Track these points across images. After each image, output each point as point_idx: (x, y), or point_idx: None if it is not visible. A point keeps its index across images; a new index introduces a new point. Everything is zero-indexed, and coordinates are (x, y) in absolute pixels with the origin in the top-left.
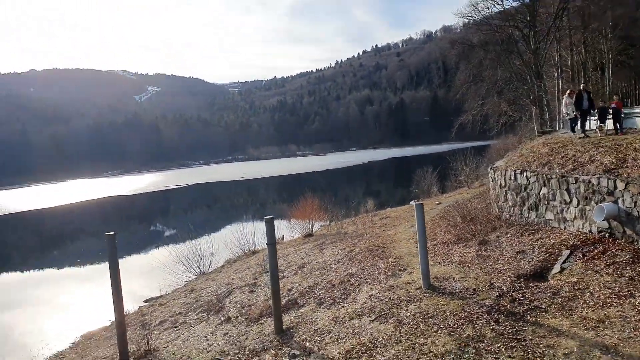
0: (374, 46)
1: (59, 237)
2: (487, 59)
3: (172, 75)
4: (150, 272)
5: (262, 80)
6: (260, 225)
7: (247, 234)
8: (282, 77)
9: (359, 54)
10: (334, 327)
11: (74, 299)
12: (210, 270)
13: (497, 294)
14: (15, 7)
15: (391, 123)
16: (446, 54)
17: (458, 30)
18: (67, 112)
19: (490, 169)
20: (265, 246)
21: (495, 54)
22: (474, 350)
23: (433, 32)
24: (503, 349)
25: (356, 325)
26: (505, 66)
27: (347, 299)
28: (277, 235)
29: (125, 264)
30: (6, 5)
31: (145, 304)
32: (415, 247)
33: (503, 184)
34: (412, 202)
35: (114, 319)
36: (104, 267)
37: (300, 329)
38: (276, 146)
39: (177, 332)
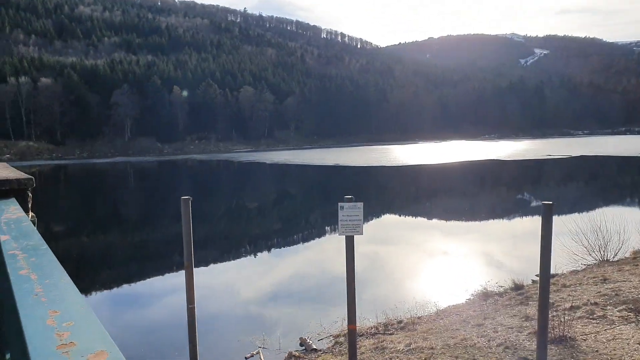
0: None
1: (436, 192)
2: None
3: (564, 36)
4: (536, 242)
5: None
6: None
7: None
8: None
9: None
10: None
11: (452, 251)
12: (615, 259)
13: None
14: None
15: None
16: None
17: None
18: (455, 76)
19: None
20: None
21: None
22: None
23: None
24: None
25: None
26: None
27: None
28: None
29: (508, 225)
30: None
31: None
32: None
33: None
34: None
35: (510, 285)
36: (475, 223)
37: None
38: None
39: (595, 325)
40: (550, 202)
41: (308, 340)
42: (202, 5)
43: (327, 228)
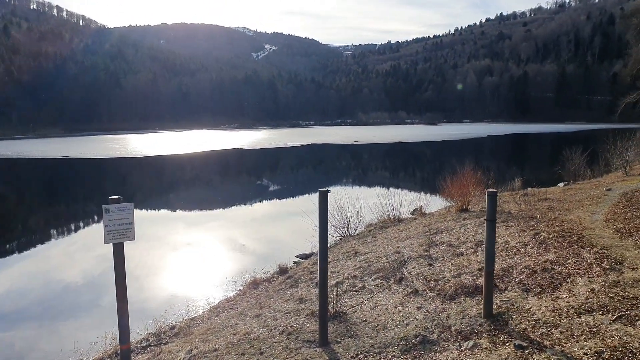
0: (499, 14)
1: (184, 183)
2: None
3: (289, 35)
4: (289, 225)
5: (376, 44)
6: (402, 194)
7: (393, 199)
8: (397, 41)
9: (481, 21)
10: (561, 321)
11: (212, 243)
12: (356, 233)
13: None
14: None
15: (511, 96)
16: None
17: (597, 0)
18: (192, 65)
19: None
20: (410, 216)
21: None
22: None
23: (567, 1)
24: None
25: (591, 323)
26: None
27: (560, 290)
28: (415, 205)
29: (261, 211)
30: None
31: (300, 259)
32: (619, 237)
33: None
34: (561, 185)
35: (276, 269)
36: (229, 212)
37: (514, 317)
38: (386, 112)
39: (359, 297)
40: (326, 190)
41: None
42: None
43: (53, 231)
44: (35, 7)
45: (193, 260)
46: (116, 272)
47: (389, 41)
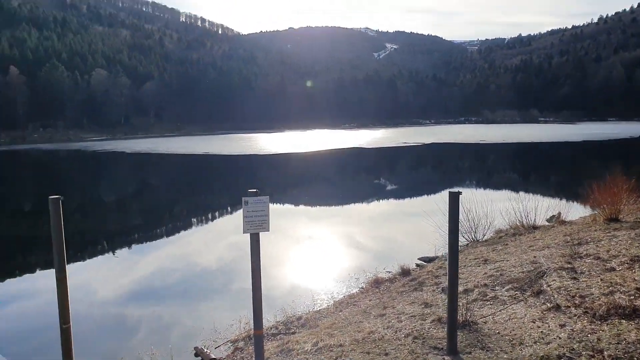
0: None
1: (303, 179)
2: None
3: (411, 33)
4: (409, 225)
5: (504, 39)
6: (536, 199)
7: (527, 205)
8: (529, 34)
9: (632, 7)
10: None
11: (333, 238)
12: (484, 239)
13: None
14: None
15: None
16: None
17: None
18: (317, 67)
19: None
20: (546, 223)
21: None
22: None
23: None
24: None
25: None
26: None
27: None
28: (552, 212)
29: (380, 210)
30: None
31: (422, 262)
32: None
33: None
34: None
35: (398, 270)
36: (348, 209)
37: None
38: (515, 110)
39: (490, 307)
40: (458, 191)
41: (205, 350)
42: None
43: (194, 219)
44: (183, 20)
45: (316, 253)
46: (252, 261)
47: (520, 34)
